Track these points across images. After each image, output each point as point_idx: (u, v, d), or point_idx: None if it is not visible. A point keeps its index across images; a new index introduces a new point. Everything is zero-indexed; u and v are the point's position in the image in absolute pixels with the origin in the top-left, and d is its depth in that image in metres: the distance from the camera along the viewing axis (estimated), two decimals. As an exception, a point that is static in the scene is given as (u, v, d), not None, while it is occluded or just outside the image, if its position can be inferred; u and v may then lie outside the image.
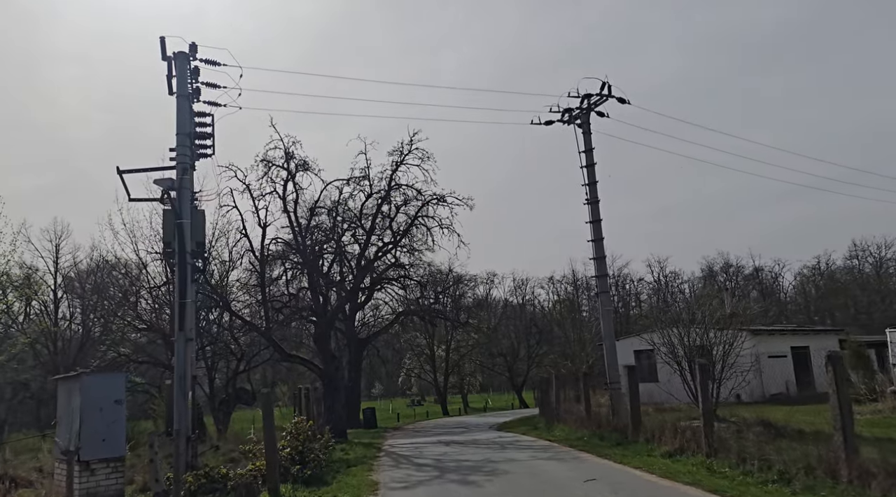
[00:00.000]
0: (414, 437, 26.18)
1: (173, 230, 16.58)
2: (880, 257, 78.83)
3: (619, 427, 17.63)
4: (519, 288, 77.64)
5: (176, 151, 17.03)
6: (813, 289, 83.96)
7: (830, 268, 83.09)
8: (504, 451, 17.17)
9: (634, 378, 16.66)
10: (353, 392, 39.32)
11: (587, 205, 23.97)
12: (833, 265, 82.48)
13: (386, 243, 30.33)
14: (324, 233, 28.90)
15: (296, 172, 26.50)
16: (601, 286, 23.62)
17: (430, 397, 74.25)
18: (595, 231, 23.74)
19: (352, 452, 19.61)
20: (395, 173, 28.37)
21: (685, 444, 13.66)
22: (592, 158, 23.96)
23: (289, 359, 27.86)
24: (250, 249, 27.19)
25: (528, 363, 56.25)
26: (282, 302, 28.55)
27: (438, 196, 28.28)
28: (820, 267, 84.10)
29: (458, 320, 40.17)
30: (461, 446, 19.59)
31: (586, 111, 24.15)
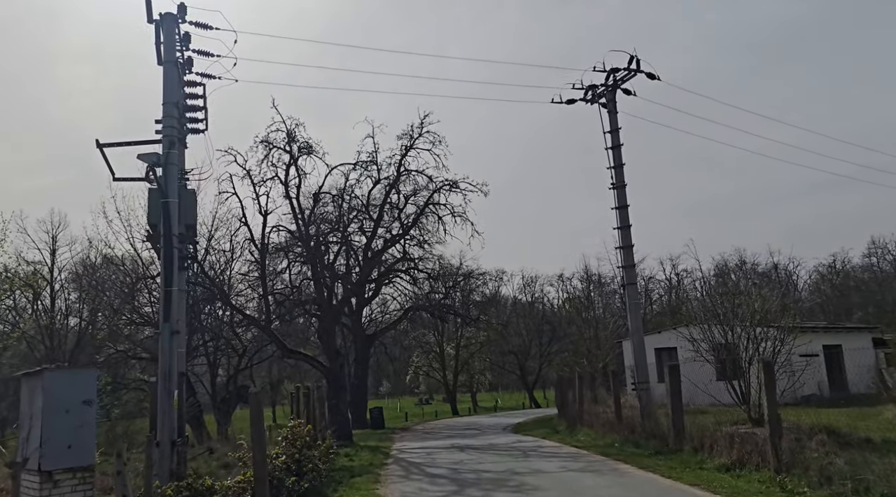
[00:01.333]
0: (424, 440, 24.13)
1: (159, 211, 14.60)
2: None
3: (657, 433, 15.52)
4: (528, 285, 75.44)
5: (162, 123, 15.00)
6: (828, 287, 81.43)
7: (846, 266, 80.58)
8: (528, 460, 15.08)
9: (676, 378, 14.56)
10: (360, 390, 37.30)
11: (613, 189, 21.87)
12: (848, 263, 79.96)
13: (394, 235, 28.28)
14: (329, 223, 26.88)
15: (298, 156, 24.47)
16: (628, 277, 21.48)
17: (439, 396, 72.22)
18: (621, 218, 21.63)
19: (357, 459, 17.57)
20: (405, 158, 26.33)
21: (745, 455, 11.55)
22: (619, 139, 21.87)
23: (291, 355, 25.86)
24: (250, 238, 25.19)
25: (540, 361, 54.14)
26: (284, 295, 26.53)
27: (451, 182, 26.20)
28: (835, 265, 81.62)
29: (468, 316, 38.07)
30: (478, 452, 17.51)
31: (612, 88, 22.04)
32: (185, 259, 16.88)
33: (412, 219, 27.63)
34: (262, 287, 24.92)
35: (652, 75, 21.69)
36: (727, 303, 17.61)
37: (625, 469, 12.70)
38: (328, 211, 26.58)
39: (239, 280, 30.68)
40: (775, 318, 17.22)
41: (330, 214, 26.64)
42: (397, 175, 26.29)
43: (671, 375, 14.57)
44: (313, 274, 24.89)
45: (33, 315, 38.08)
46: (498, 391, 74.26)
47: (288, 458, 12.80)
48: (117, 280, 30.69)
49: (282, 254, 26.41)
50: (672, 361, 35.96)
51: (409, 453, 18.73)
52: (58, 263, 39.19)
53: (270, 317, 24.88)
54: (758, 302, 17.05)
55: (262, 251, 24.62)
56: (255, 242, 24.89)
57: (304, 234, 24.61)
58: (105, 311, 34.00)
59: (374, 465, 15.95)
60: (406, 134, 26.13)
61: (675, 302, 75.17)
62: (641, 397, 20.03)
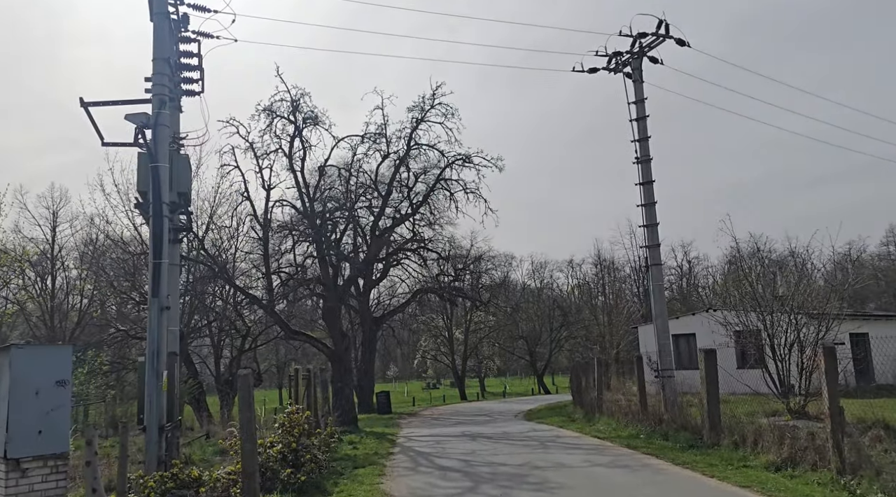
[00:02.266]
0: (432, 427, 22.83)
1: (148, 177, 13.24)
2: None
3: (688, 425, 14.09)
4: (537, 271, 73.91)
5: (152, 81, 13.57)
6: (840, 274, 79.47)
7: (861, 255, 78.56)
8: (547, 452, 13.69)
9: (713, 364, 13.09)
10: (367, 374, 36.04)
11: (637, 164, 20.32)
12: (864, 251, 77.92)
13: (403, 214, 26.82)
14: (335, 200, 25.47)
15: (303, 127, 23.04)
16: (652, 258, 19.97)
17: (446, 380, 71.08)
18: (646, 194, 20.10)
19: (361, 447, 16.24)
20: (416, 132, 24.83)
21: (797, 453, 10.12)
22: (644, 110, 20.29)
23: (294, 337, 24.55)
24: (252, 214, 23.84)
25: (551, 347, 52.74)
26: (288, 274, 25.17)
27: (464, 156, 24.67)
28: (851, 253, 79.63)
29: (478, 299, 36.64)
30: (491, 442, 16.14)
31: (638, 55, 20.43)
32: (179, 231, 15.53)
33: (422, 195, 26.18)
34: (265, 265, 23.58)
35: (682, 41, 20.06)
36: (764, 285, 16.11)
37: (658, 465, 11.28)
38: (334, 186, 25.18)
39: (242, 258, 29.39)
40: (816, 302, 15.72)
41: (336, 190, 25.24)
42: (407, 149, 24.81)
43: (707, 361, 13.10)
44: (318, 252, 23.51)
45: (32, 292, 36.88)
46: (506, 376, 73.03)
47: (284, 447, 11.47)
48: (117, 257, 29.39)
49: (286, 232, 25.02)
50: (689, 348, 34.56)
51: (416, 441, 17.40)
52: (59, 240, 37.92)
53: (273, 297, 23.55)
54: (802, 284, 15.52)
55: (264, 227, 23.27)
56: (258, 218, 23.54)
57: (308, 210, 23.21)
58: (106, 290, 32.76)
59: (380, 454, 14.62)
60: (417, 106, 24.64)
61: (687, 289, 73.60)
62: (665, 386, 18.61)
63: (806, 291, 15.62)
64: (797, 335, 15.08)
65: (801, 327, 14.97)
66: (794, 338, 15.06)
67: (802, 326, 14.97)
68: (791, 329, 15.10)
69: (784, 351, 15.44)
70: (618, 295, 49.37)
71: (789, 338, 15.27)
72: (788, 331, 15.20)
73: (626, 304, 45.90)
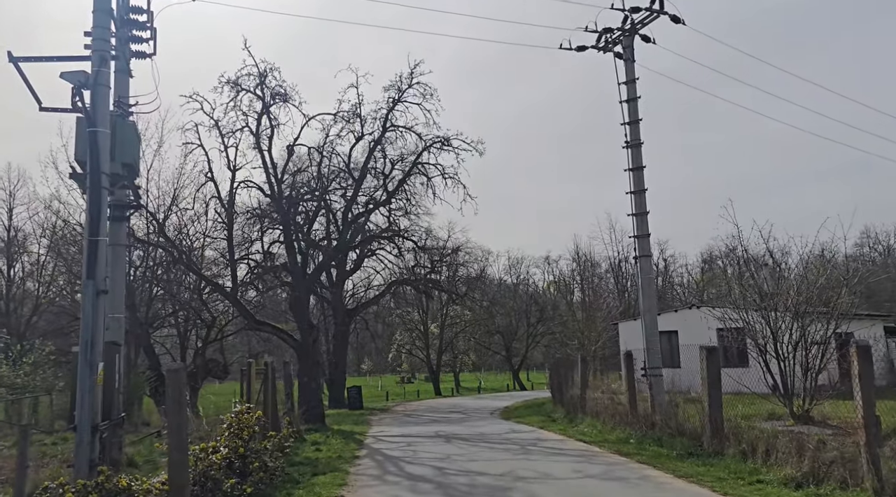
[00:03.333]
0: (405, 424, 21.23)
1: (85, 144, 11.48)
2: (888, 245, 74.04)
3: (686, 430, 12.64)
4: (514, 266, 72.52)
5: (92, 35, 11.73)
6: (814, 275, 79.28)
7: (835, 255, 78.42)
8: (530, 458, 12.15)
9: (715, 363, 11.65)
10: (339, 368, 34.36)
11: (627, 148, 18.88)
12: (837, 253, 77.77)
13: (378, 200, 25.12)
14: (304, 183, 23.70)
15: (272, 103, 21.27)
16: (642, 248, 18.53)
17: (421, 375, 69.48)
18: (636, 181, 18.65)
19: (325, 448, 14.58)
20: (392, 113, 23.12)
21: (820, 468, 8.68)
22: (635, 91, 18.83)
23: (259, 327, 22.78)
24: (217, 196, 22.00)
25: (527, 343, 51.35)
26: (255, 261, 23.39)
27: (442, 138, 23.01)
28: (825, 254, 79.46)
29: (455, 293, 35.10)
30: (467, 444, 14.58)
31: (630, 32, 18.97)
32: (126, 208, 13.78)
33: (398, 180, 24.50)
34: (229, 251, 21.78)
35: (677, 18, 18.64)
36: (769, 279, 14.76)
37: (658, 478, 9.79)
38: (305, 169, 23.42)
39: (208, 244, 27.51)
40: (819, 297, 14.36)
41: (307, 173, 23.48)
42: (383, 131, 23.11)
43: (709, 360, 11.64)
44: (285, 237, 21.75)
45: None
46: (481, 372, 71.62)
47: (230, 452, 9.79)
48: (74, 240, 27.33)
49: (253, 216, 23.20)
50: (671, 346, 33.29)
51: (386, 442, 15.79)
52: (15, 223, 35.62)
53: (237, 284, 21.75)
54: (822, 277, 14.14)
55: (228, 210, 21.45)
56: (222, 201, 21.72)
57: (275, 193, 21.43)
58: (63, 276, 30.68)
59: (344, 458, 12.98)
60: (394, 85, 22.94)
61: (663, 287, 72.77)
62: (653, 385, 17.21)
63: (815, 283, 14.22)
64: (802, 332, 13.71)
65: (809, 323, 13.59)
66: (800, 335, 13.68)
67: (810, 323, 13.60)
68: (797, 325, 13.72)
69: (787, 349, 14.07)
70: (596, 291, 48.11)
71: (793, 335, 13.89)
72: (793, 327, 13.83)
73: (605, 300, 44.64)
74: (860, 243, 76.39)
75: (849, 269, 44.37)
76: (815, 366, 13.45)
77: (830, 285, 14.29)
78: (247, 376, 12.11)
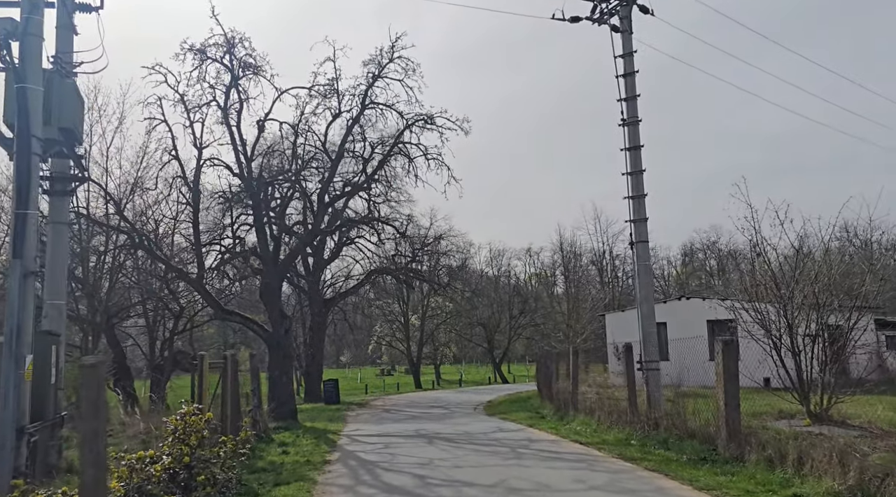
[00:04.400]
0: (383, 421, 19.69)
1: (13, 102, 9.88)
2: (866, 239, 73.71)
3: (696, 431, 11.23)
4: (495, 259, 71.16)
5: (20, -26, 10.12)
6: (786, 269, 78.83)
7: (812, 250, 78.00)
8: (523, 464, 10.66)
9: (732, 357, 10.24)
10: (315, 360, 32.70)
11: (623, 126, 17.45)
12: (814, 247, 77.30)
13: (356, 183, 23.50)
14: (278, 165, 22.02)
15: (241, 75, 19.51)
16: (638, 234, 17.10)
17: (401, 367, 68.07)
18: (633, 161, 17.24)
19: (293, 450, 13.00)
20: (371, 89, 21.46)
21: (869, 481, 7.30)
22: (633, 65, 17.39)
23: (226, 316, 21.08)
24: (181, 176, 20.22)
25: (510, 335, 49.99)
26: (223, 246, 21.66)
27: (426, 116, 21.37)
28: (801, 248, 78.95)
29: (437, 283, 33.57)
30: (451, 446, 13.07)
31: (627, 2, 17.52)
32: (70, 181, 12.15)
33: (378, 161, 22.88)
34: (194, 234, 20.02)
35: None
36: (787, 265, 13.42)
37: (674, 490, 8.34)
38: (277, 148, 21.74)
39: (175, 228, 25.69)
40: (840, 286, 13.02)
41: (279, 153, 21.79)
42: (362, 108, 21.42)
43: (726, 353, 10.22)
44: (255, 220, 20.03)
45: None
46: (462, 364, 70.31)
47: (174, 461, 8.20)
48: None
49: (222, 198, 21.46)
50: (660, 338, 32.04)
51: (362, 443, 14.23)
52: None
53: (203, 270, 20.02)
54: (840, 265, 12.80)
55: (194, 190, 19.69)
56: (187, 180, 19.95)
57: (245, 171, 19.70)
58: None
59: (313, 463, 11.41)
60: (373, 59, 21.26)
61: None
62: (649, 380, 15.79)
63: (837, 270, 12.87)
64: (820, 322, 12.36)
65: (828, 314, 12.24)
66: (819, 325, 12.32)
67: (830, 312, 12.25)
68: (815, 315, 12.36)
69: (803, 342, 12.72)
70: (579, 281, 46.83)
71: (811, 326, 12.54)
72: (811, 317, 12.46)
73: (590, 291, 43.35)
74: (839, 237, 76.25)
75: (873, 254, 42.72)
76: (832, 359, 12.09)
77: (852, 272, 12.93)
78: (198, 372, 10.42)
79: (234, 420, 11.82)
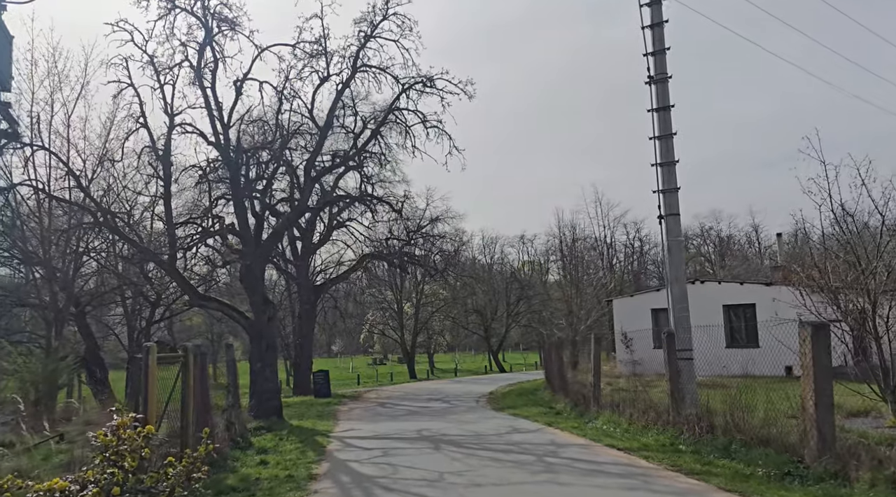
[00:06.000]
0: (378, 419, 17.39)
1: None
2: (864, 223, 71.89)
3: (770, 437, 9.02)
4: (488, 246, 68.82)
5: None
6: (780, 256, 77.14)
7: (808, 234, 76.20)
8: (560, 482, 8.40)
9: (824, 348, 8.06)
10: (304, 350, 30.37)
11: (650, 84, 15.21)
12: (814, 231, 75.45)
13: (346, 154, 21.10)
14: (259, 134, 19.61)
15: (217, 31, 17.05)
16: (668, 206, 14.87)
17: (394, 356, 65.86)
18: (662, 123, 15.01)
19: (273, 460, 10.71)
20: (363, 51, 19.01)
21: None
22: (661, 14, 15.14)
23: (203, 302, 18.70)
24: (150, 146, 17.77)
25: (507, 322, 47.75)
26: (198, 224, 19.23)
27: (425, 78, 18.95)
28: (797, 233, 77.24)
29: (434, 268, 31.24)
30: (463, 454, 10.81)
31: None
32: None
33: (371, 131, 20.48)
34: (165, 211, 17.61)
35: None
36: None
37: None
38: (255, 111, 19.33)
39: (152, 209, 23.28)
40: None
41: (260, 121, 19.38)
42: (353, 71, 18.97)
43: (816, 341, 7.97)
44: (234, 194, 17.62)
45: None
46: (456, 353, 68.15)
47: (101, 491, 5.91)
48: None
49: (198, 171, 18.99)
50: (671, 324, 29.87)
51: (355, 449, 11.95)
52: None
53: (175, 251, 17.63)
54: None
55: (164, 162, 17.27)
56: (156, 150, 17.51)
57: (221, 139, 17.27)
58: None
59: (297, 479, 9.12)
60: (365, 17, 18.78)
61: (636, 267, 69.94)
62: (681, 372, 13.56)
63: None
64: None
65: None
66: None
67: None
68: None
69: (886, 324, 10.56)
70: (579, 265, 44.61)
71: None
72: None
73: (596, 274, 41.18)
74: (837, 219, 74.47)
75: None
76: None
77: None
78: (143, 369, 7.82)
79: (200, 426, 9.50)
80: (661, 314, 28.83)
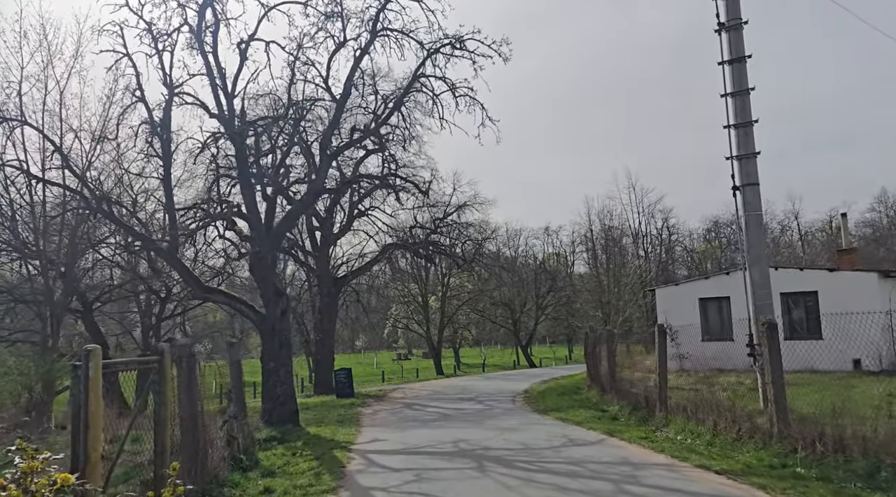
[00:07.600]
0: (407, 425, 15.16)
1: None
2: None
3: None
4: (512, 239, 66.34)
5: None
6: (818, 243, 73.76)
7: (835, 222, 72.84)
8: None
9: None
10: (326, 346, 28.32)
11: (719, 32, 12.93)
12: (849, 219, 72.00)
13: (366, 128, 18.92)
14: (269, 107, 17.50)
15: (218, -11, 14.94)
16: (747, 175, 12.51)
17: (418, 351, 63.84)
18: (737, 78, 12.72)
19: (281, 485, 8.55)
20: (383, 12, 16.78)
21: None
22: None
23: (208, 295, 16.60)
24: (148, 121, 15.73)
25: (537, 315, 45.30)
26: (203, 209, 17.18)
27: (454, 38, 16.66)
28: (832, 221, 73.67)
29: (462, 258, 29.05)
30: (515, 477, 8.54)
31: None
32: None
33: (393, 104, 18.26)
34: (165, 193, 15.57)
35: None
36: None
37: None
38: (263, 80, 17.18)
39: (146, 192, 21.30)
40: None
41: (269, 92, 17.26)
42: (372, 35, 16.75)
43: None
44: (240, 172, 15.52)
45: None
46: (482, 347, 65.86)
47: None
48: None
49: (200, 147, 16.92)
50: (721, 315, 27.23)
51: (381, 471, 9.73)
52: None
53: (177, 237, 15.57)
54: None
55: (163, 138, 15.21)
56: (154, 125, 15.45)
57: (224, 110, 15.15)
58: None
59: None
60: (386, -27, 16.53)
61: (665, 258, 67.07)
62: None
63: None
64: None
65: None
66: None
67: None
68: None
69: None
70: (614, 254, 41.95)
71: None
72: None
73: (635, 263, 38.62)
74: (874, 208, 70.99)
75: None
76: None
77: None
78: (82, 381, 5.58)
79: (187, 453, 7.37)
80: (710, 303, 26.38)
